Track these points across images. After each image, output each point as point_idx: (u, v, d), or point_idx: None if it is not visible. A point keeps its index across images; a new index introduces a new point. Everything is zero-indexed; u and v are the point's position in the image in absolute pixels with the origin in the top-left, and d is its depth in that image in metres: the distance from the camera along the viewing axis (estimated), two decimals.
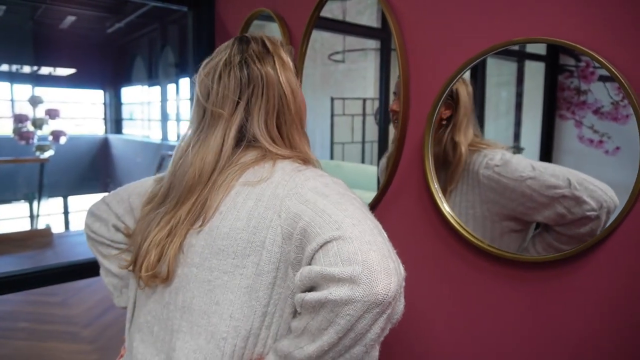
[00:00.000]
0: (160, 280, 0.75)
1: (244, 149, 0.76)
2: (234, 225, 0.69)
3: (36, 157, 6.77)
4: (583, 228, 0.81)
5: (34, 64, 7.70)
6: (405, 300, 0.61)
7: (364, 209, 0.66)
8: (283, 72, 0.78)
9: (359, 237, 0.58)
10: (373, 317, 0.56)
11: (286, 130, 0.78)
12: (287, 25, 1.42)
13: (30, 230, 6.22)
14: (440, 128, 1.00)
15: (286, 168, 0.72)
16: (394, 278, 0.56)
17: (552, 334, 0.90)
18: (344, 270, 0.55)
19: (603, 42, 0.79)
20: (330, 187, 0.68)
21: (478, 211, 0.93)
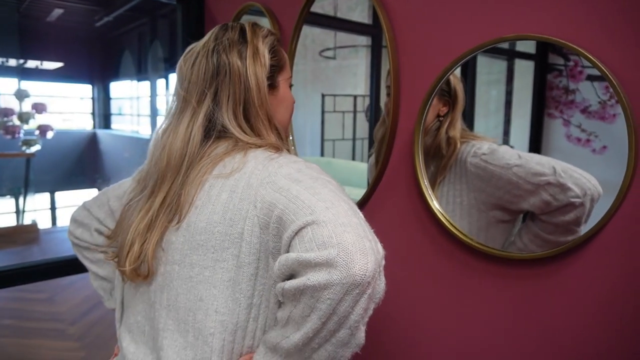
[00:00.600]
0: (142, 278, 0.74)
1: (215, 141, 0.75)
2: (211, 219, 0.69)
3: (22, 152, 6.67)
4: (568, 215, 0.81)
5: (20, 57, 7.57)
6: (395, 296, 0.61)
7: (339, 191, 0.65)
8: (251, 64, 0.76)
9: (332, 220, 0.57)
10: (353, 298, 0.55)
11: (254, 123, 0.77)
12: (278, 20, 1.41)
13: (16, 226, 6.14)
14: (432, 123, 1.01)
15: (258, 157, 0.71)
16: (370, 257, 0.56)
17: (540, 331, 0.91)
18: (320, 255, 0.55)
19: (593, 41, 0.79)
20: (303, 172, 0.67)
21: (465, 200, 0.93)
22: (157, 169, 0.76)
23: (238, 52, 0.77)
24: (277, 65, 0.82)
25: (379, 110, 1.17)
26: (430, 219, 1.06)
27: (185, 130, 0.75)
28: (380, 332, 1.21)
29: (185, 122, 0.76)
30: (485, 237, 0.95)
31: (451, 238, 1.02)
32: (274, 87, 0.81)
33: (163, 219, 0.73)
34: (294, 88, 1.36)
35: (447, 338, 1.07)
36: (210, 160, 0.73)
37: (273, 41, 0.82)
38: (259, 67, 0.77)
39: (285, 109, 0.85)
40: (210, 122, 0.76)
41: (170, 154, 0.75)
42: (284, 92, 0.84)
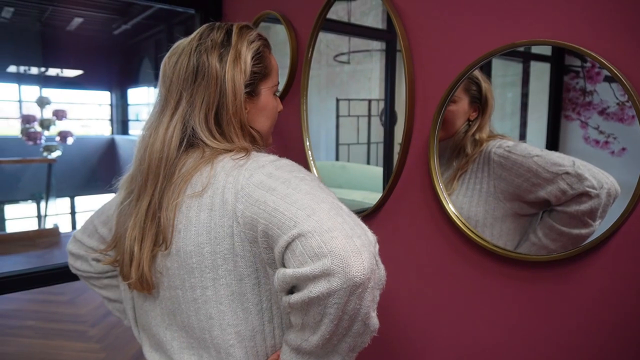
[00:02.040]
0: (147, 290, 0.75)
1: (186, 150, 0.74)
2: (197, 241, 0.69)
3: (44, 158, 6.83)
4: (583, 205, 0.81)
5: (42, 66, 7.77)
6: (409, 297, 0.61)
7: (315, 187, 0.64)
8: (230, 69, 0.74)
9: (317, 228, 0.57)
10: (358, 296, 0.56)
11: (225, 128, 0.75)
12: (294, 27, 1.43)
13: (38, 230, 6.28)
14: (462, 127, 1.02)
15: (226, 167, 0.69)
16: (365, 254, 0.56)
17: (555, 333, 0.90)
18: (315, 267, 0.55)
19: (606, 44, 0.79)
20: (273, 176, 0.65)
21: (484, 187, 0.95)
22: (141, 171, 0.75)
23: (219, 54, 0.75)
24: (261, 73, 0.79)
25: (393, 114, 1.17)
26: (446, 222, 1.06)
27: (165, 132, 0.74)
28: (396, 334, 1.21)
29: (164, 123, 0.75)
30: (500, 228, 0.95)
31: (467, 241, 1.02)
32: (254, 95, 0.79)
33: (151, 229, 0.72)
34: (309, 93, 1.37)
35: (463, 340, 1.06)
36: (182, 179, 0.71)
37: (259, 47, 0.79)
38: (238, 72, 0.75)
39: (266, 117, 0.82)
40: (185, 125, 0.74)
41: (151, 155, 0.74)
42: (266, 100, 0.81)
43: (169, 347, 0.77)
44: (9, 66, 7.61)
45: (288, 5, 1.45)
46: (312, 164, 1.39)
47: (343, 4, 1.29)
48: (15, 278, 1.38)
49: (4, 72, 7.66)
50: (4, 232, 7.11)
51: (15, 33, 6.99)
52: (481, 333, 1.03)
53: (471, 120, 1.00)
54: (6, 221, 7.76)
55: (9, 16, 6.64)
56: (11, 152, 7.00)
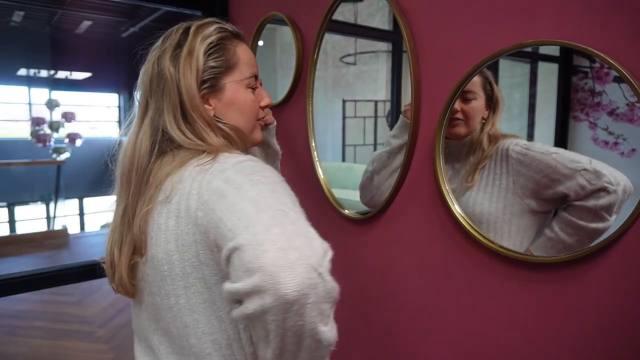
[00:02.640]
0: (130, 296, 0.76)
1: (158, 157, 0.75)
2: (166, 249, 0.69)
3: (53, 160, 6.91)
4: (601, 200, 0.82)
5: (51, 68, 7.85)
6: (415, 297, 0.60)
7: (265, 190, 0.62)
8: (182, 67, 0.74)
9: (251, 241, 0.54)
10: (296, 312, 0.53)
11: (194, 127, 0.75)
12: (300, 28, 1.43)
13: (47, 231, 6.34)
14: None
15: (193, 172, 0.69)
16: (299, 269, 0.52)
17: (564, 335, 0.89)
18: (246, 284, 0.53)
19: (615, 45, 0.78)
20: (230, 181, 0.64)
21: (504, 182, 0.96)
22: (119, 178, 0.77)
23: (175, 55, 0.75)
24: (221, 67, 0.78)
25: (400, 115, 1.17)
26: (452, 222, 1.06)
27: (135, 137, 0.76)
28: (403, 336, 1.20)
29: (135, 129, 0.76)
30: (518, 224, 0.95)
31: (473, 241, 1.01)
32: (217, 90, 0.78)
33: (129, 235, 0.73)
34: (315, 94, 1.37)
35: (470, 341, 1.06)
36: (154, 185, 0.72)
37: (213, 41, 0.78)
38: (189, 70, 0.74)
39: (238, 112, 0.80)
40: (155, 130, 0.75)
41: (124, 161, 0.76)
42: (233, 95, 0.79)
43: (157, 351, 0.77)
44: (19, 69, 7.71)
45: (294, 7, 1.45)
46: (318, 165, 1.39)
47: (349, 5, 1.29)
48: (24, 279, 1.39)
49: (14, 75, 7.76)
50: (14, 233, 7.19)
51: (26, 36, 7.08)
52: (488, 334, 1.02)
53: (484, 118, 1.01)
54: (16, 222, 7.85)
55: (19, 20, 6.73)
56: (21, 154, 7.08)
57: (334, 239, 1.57)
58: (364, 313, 1.32)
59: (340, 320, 1.49)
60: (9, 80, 7.87)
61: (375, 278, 1.27)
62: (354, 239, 1.33)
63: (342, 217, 1.35)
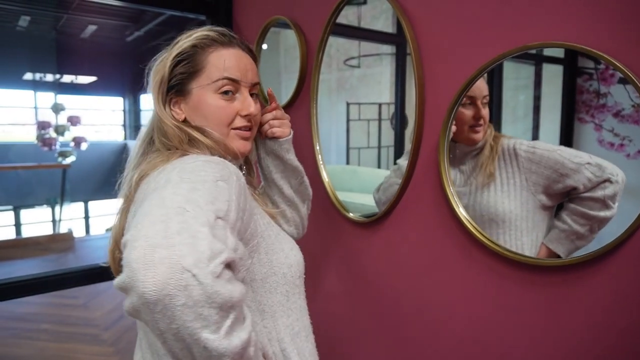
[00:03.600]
0: None
1: (142, 154, 0.81)
2: None
3: (58, 163, 6.94)
4: (607, 190, 0.85)
5: (57, 73, 7.91)
6: (419, 299, 0.58)
7: (180, 188, 0.58)
8: (153, 74, 0.82)
9: (130, 240, 0.52)
10: (163, 314, 0.49)
11: (167, 127, 0.80)
12: (303, 32, 1.44)
13: (53, 234, 6.37)
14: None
15: (154, 173, 0.71)
16: (161, 269, 0.48)
17: (568, 338, 0.89)
18: (119, 280, 0.51)
19: (620, 46, 0.78)
20: (166, 179, 0.62)
21: (518, 181, 0.99)
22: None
23: (161, 61, 0.83)
24: (187, 72, 0.80)
25: (404, 118, 1.17)
26: (457, 225, 1.05)
27: (139, 137, 0.83)
28: (409, 338, 1.20)
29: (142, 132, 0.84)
30: (533, 220, 0.97)
31: (478, 244, 1.01)
32: (184, 95, 0.81)
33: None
34: (319, 97, 1.38)
35: (475, 343, 1.05)
36: (131, 187, 0.75)
37: (185, 46, 0.80)
38: (154, 78, 0.82)
39: (202, 117, 0.80)
40: (151, 129, 0.83)
41: (128, 163, 0.82)
42: (199, 99, 0.80)
43: (141, 344, 0.80)
44: (25, 73, 7.77)
45: (298, 11, 1.45)
46: (322, 168, 1.39)
47: (353, 9, 1.30)
48: (30, 282, 1.40)
49: (20, 79, 7.82)
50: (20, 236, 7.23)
51: (32, 41, 7.13)
52: (494, 336, 1.02)
53: None
54: (22, 226, 7.89)
55: (25, 24, 6.79)
56: (27, 158, 7.13)
57: (339, 242, 1.57)
58: (369, 315, 1.31)
59: (347, 322, 1.49)
60: (15, 84, 7.93)
61: (380, 281, 1.27)
62: (358, 242, 1.32)
63: (346, 220, 1.35)
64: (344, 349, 1.39)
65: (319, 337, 0.90)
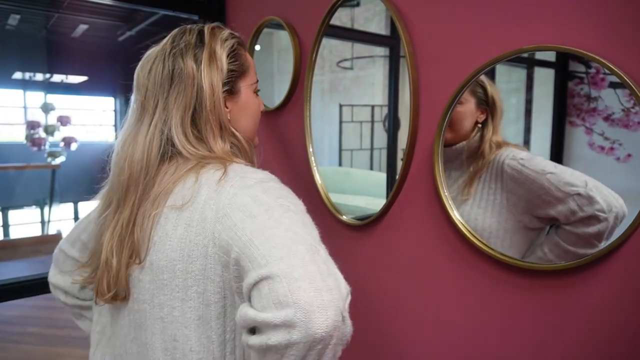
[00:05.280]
0: (121, 300, 0.73)
1: (164, 162, 0.73)
2: (170, 257, 0.67)
3: (48, 163, 6.86)
4: (591, 228, 0.81)
5: (47, 72, 7.82)
6: (413, 304, 0.59)
7: (297, 220, 0.62)
8: (207, 68, 0.73)
9: (287, 274, 0.54)
10: (318, 352, 0.54)
11: (202, 128, 0.74)
12: (297, 33, 1.43)
13: (42, 236, 6.30)
14: (473, 131, 1.02)
15: (210, 180, 0.68)
16: (330, 312, 0.53)
17: (559, 343, 0.89)
18: (277, 316, 0.53)
19: (612, 49, 0.78)
20: (259, 200, 0.63)
21: (498, 198, 0.96)
22: (120, 182, 0.74)
23: (194, 55, 0.74)
24: (238, 71, 0.79)
25: (397, 120, 1.17)
26: (450, 228, 1.05)
27: (144, 140, 0.73)
28: (401, 341, 1.20)
29: (143, 131, 0.74)
30: (510, 240, 0.95)
31: (472, 248, 1.01)
32: (234, 93, 0.79)
33: (130, 240, 0.71)
34: (312, 99, 1.38)
35: (468, 347, 1.05)
36: (162, 189, 0.70)
37: (233, 45, 0.79)
38: (215, 71, 0.74)
39: (249, 116, 0.82)
40: (161, 133, 0.73)
41: (132, 165, 0.73)
42: (247, 98, 0.81)
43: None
44: (15, 72, 7.67)
45: (291, 12, 1.45)
46: (315, 170, 1.39)
47: (346, 10, 1.30)
48: (18, 284, 1.38)
49: (9, 78, 7.72)
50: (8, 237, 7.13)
51: (21, 40, 7.05)
52: (487, 340, 1.02)
53: (479, 122, 1.00)
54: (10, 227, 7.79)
55: (15, 23, 6.70)
56: (16, 158, 7.03)
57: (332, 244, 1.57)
58: (361, 319, 1.31)
59: None
60: (4, 83, 7.83)
61: (373, 283, 1.27)
62: (352, 245, 1.32)
63: (340, 222, 1.34)
64: None
65: None
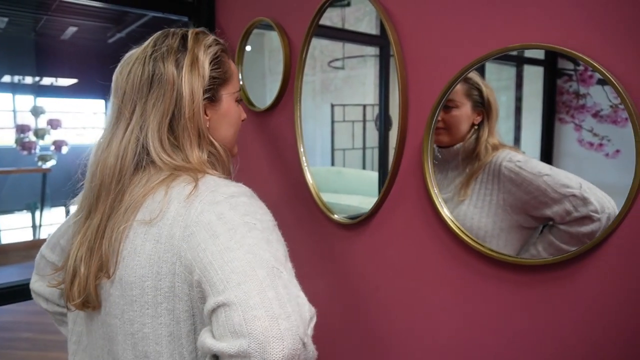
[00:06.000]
0: (92, 309, 0.72)
1: (139, 170, 0.71)
2: (138, 273, 0.66)
3: (38, 167, 6.80)
4: (584, 227, 0.83)
5: (36, 75, 7.74)
6: (405, 301, 0.59)
7: (261, 240, 0.60)
8: (187, 73, 0.72)
9: (243, 302, 0.53)
10: None
11: (179, 135, 0.72)
12: (287, 33, 1.43)
13: (33, 240, 6.23)
14: (469, 132, 1.03)
15: (180, 195, 0.66)
16: (287, 341, 0.52)
17: (550, 336, 0.90)
18: (232, 346, 0.52)
19: (598, 47, 0.79)
20: (223, 219, 0.61)
21: (494, 199, 0.97)
22: (92, 188, 0.72)
23: (175, 60, 0.72)
24: (220, 78, 0.77)
25: (388, 119, 1.17)
26: (441, 226, 1.06)
27: (119, 145, 0.71)
28: (390, 342, 1.20)
29: (119, 135, 0.72)
30: (505, 238, 0.96)
31: (462, 245, 1.02)
32: (215, 101, 0.77)
33: (100, 249, 0.69)
34: (303, 99, 1.38)
35: (459, 343, 1.06)
36: (132, 202, 0.68)
37: (217, 51, 0.77)
38: (196, 77, 0.73)
39: (229, 125, 0.80)
40: (137, 139, 0.71)
41: (104, 171, 0.71)
42: (228, 106, 0.79)
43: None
44: (3, 76, 7.59)
45: (281, 12, 1.45)
46: (306, 170, 1.39)
47: (337, 10, 1.30)
48: (9, 290, 1.37)
49: None
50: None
51: (10, 43, 6.97)
52: (477, 336, 1.02)
53: (476, 124, 1.01)
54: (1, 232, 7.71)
55: (3, 26, 6.63)
56: (5, 162, 6.96)
57: (324, 244, 1.57)
58: (352, 317, 1.31)
59: (329, 325, 1.49)
60: None
61: (365, 282, 1.27)
62: (343, 244, 1.32)
63: (331, 222, 1.35)
64: (327, 350, 1.39)
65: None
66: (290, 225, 1.48)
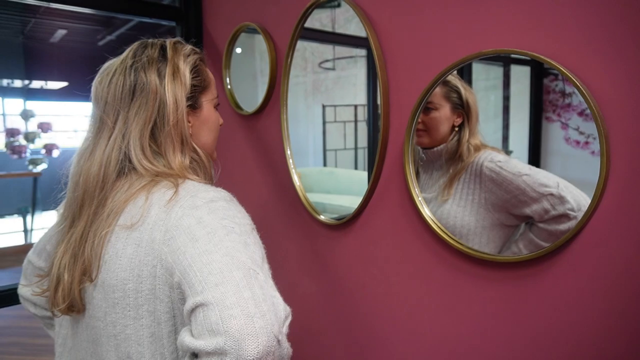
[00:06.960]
0: (77, 312, 0.73)
1: (121, 177, 0.73)
2: (120, 276, 0.67)
3: (29, 171, 6.73)
4: (562, 225, 0.86)
5: (25, 78, 7.67)
6: (390, 302, 0.60)
7: (239, 242, 0.62)
8: (170, 82, 0.74)
9: (220, 302, 0.55)
10: None
11: (162, 142, 0.74)
12: (272, 38, 1.44)
13: (24, 245, 6.17)
14: (451, 134, 1.04)
15: (160, 200, 0.68)
16: (262, 338, 0.54)
17: (529, 330, 0.91)
18: (209, 344, 0.54)
19: (567, 53, 0.82)
20: (203, 223, 0.63)
21: (476, 198, 1.00)
22: (75, 198, 0.74)
23: (157, 70, 0.74)
24: (200, 86, 0.80)
25: (377, 119, 1.18)
26: (422, 225, 1.08)
27: (102, 153, 0.72)
28: (375, 340, 1.21)
29: (102, 145, 0.73)
30: (488, 236, 0.98)
31: (442, 243, 1.04)
32: (197, 108, 0.80)
33: (83, 256, 0.71)
34: (294, 100, 1.38)
35: (441, 342, 1.07)
36: (114, 207, 0.70)
37: (195, 60, 0.80)
38: (179, 85, 0.75)
39: (209, 130, 0.83)
40: (120, 147, 0.73)
41: (87, 180, 0.72)
42: (208, 113, 0.82)
43: None
44: None
45: (266, 17, 1.46)
46: (293, 172, 1.40)
47: (327, 12, 1.30)
48: (1, 294, 1.36)
49: None
50: None
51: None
52: (460, 333, 1.03)
53: (456, 126, 1.02)
54: None
55: None
56: None
57: (310, 244, 1.57)
58: (338, 316, 1.32)
59: (315, 324, 1.49)
60: None
61: (350, 281, 1.28)
62: (329, 244, 1.33)
63: (317, 222, 1.35)
64: (312, 348, 1.39)
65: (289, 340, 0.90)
66: (278, 227, 1.49)
